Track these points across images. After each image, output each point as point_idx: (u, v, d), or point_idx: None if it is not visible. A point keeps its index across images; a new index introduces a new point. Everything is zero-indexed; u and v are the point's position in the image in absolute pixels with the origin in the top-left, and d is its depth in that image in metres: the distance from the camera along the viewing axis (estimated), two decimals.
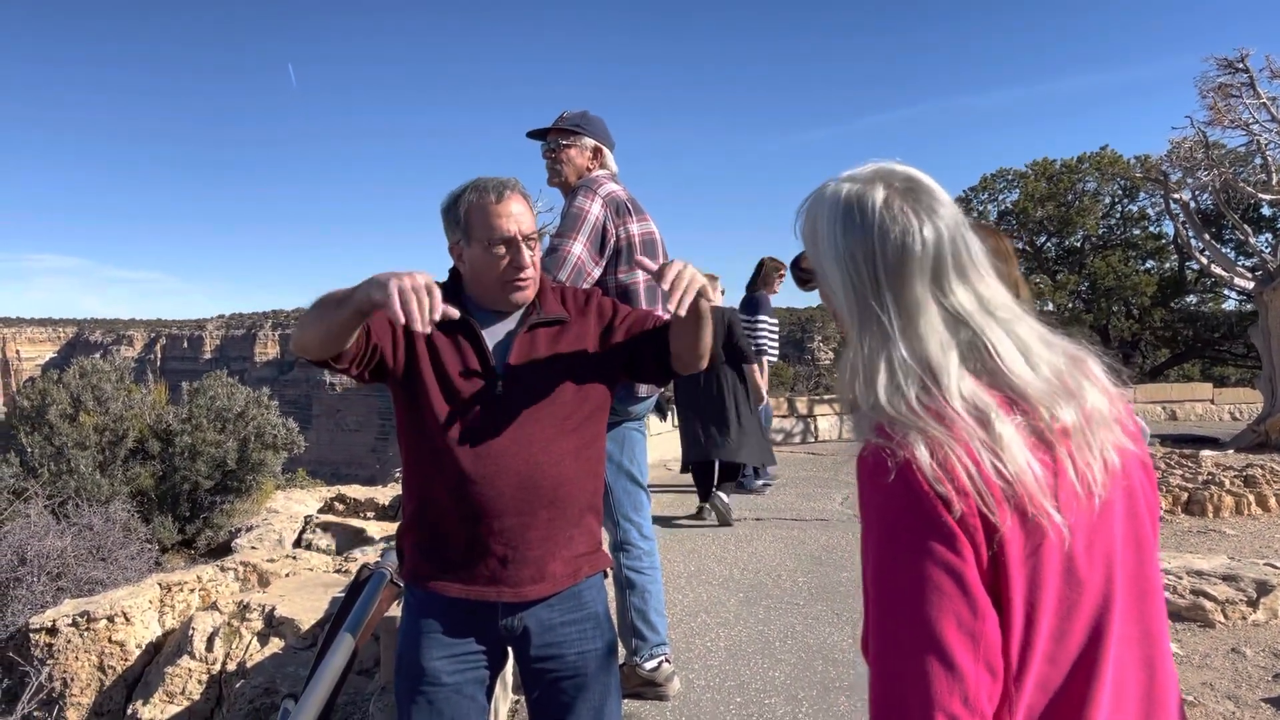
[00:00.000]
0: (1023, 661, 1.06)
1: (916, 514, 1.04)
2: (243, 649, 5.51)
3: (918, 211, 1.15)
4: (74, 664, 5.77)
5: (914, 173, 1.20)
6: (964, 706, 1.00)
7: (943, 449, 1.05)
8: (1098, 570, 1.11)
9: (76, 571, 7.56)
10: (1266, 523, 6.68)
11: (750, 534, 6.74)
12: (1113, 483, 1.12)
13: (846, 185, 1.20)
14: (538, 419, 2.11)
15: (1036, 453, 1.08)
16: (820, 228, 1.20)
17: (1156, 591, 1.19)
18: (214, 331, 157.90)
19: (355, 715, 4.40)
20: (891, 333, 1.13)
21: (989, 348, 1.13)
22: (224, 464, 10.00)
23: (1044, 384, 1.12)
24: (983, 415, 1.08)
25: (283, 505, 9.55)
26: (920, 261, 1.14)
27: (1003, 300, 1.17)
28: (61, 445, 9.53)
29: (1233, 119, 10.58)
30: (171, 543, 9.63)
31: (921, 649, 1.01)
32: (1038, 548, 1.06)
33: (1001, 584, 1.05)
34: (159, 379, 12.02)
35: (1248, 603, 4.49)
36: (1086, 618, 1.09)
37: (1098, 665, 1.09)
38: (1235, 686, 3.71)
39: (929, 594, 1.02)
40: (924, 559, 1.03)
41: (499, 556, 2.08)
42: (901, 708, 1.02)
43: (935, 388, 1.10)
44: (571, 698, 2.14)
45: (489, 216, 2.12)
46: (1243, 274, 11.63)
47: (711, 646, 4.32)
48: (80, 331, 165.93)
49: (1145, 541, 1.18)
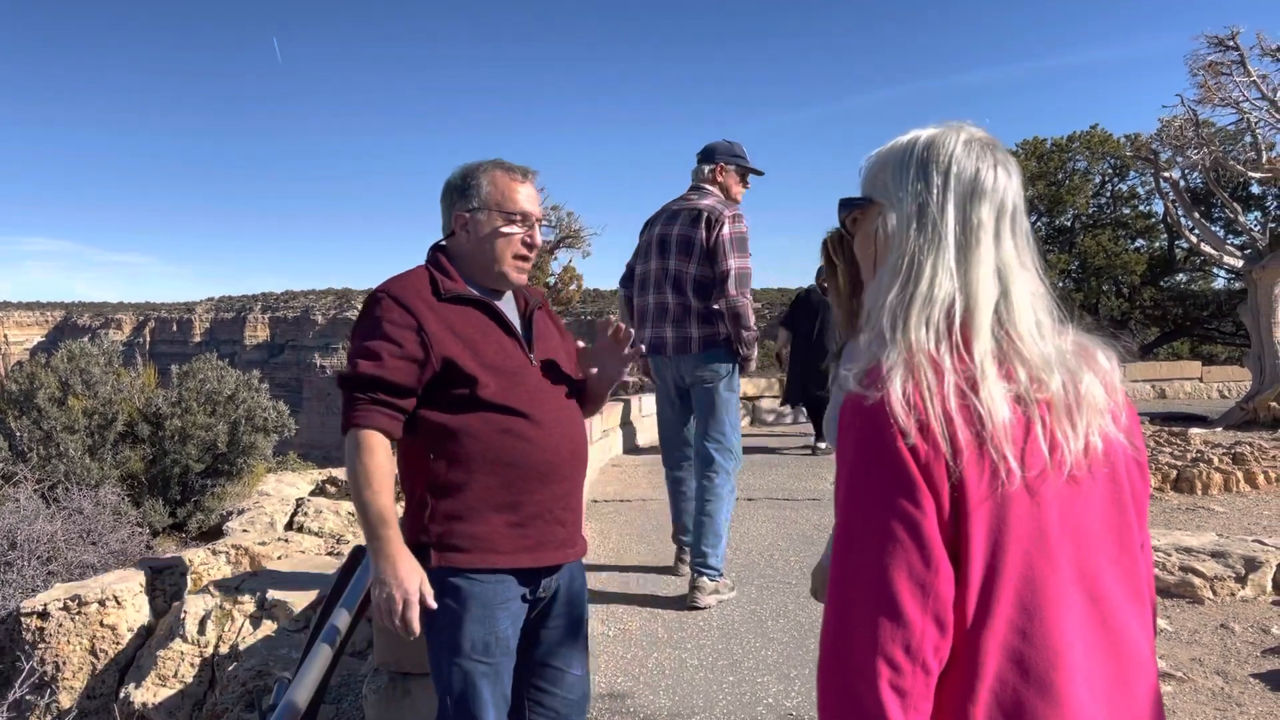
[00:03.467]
0: (979, 620, 1.06)
1: (882, 461, 1.07)
2: (235, 632, 5.50)
3: (995, 159, 1.20)
4: (65, 648, 5.76)
5: (989, 134, 1.25)
6: (905, 655, 1.03)
7: (920, 387, 1.08)
8: (1070, 547, 1.11)
9: (67, 555, 7.55)
10: (1255, 499, 6.72)
11: (743, 514, 6.76)
12: (1093, 466, 1.13)
13: (925, 130, 1.23)
14: (564, 389, 2.31)
15: (1013, 408, 1.09)
16: (891, 159, 1.23)
17: (1138, 581, 1.18)
18: (203, 314, 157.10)
19: (348, 697, 4.40)
20: (948, 262, 1.15)
21: (1012, 306, 1.15)
22: (214, 447, 9.98)
23: (1042, 354, 1.14)
24: (978, 374, 1.10)
25: (274, 488, 9.53)
26: (990, 199, 1.18)
27: (1035, 271, 1.20)
28: (50, 429, 9.49)
29: (1223, 97, 10.57)
30: (162, 526, 9.61)
31: (872, 595, 1.04)
32: (1002, 506, 1.07)
33: (961, 536, 1.06)
34: (148, 362, 11.97)
35: (1236, 579, 4.52)
36: (1058, 595, 1.09)
37: (1068, 646, 1.08)
38: (1224, 662, 3.73)
39: (885, 542, 1.05)
40: (884, 508, 1.06)
41: (561, 521, 2.26)
42: (848, 649, 1.05)
43: (962, 331, 1.13)
44: (575, 633, 2.37)
45: (512, 191, 2.24)
46: (1232, 252, 11.66)
47: (704, 626, 4.33)
48: (68, 315, 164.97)
49: (1128, 531, 1.17)
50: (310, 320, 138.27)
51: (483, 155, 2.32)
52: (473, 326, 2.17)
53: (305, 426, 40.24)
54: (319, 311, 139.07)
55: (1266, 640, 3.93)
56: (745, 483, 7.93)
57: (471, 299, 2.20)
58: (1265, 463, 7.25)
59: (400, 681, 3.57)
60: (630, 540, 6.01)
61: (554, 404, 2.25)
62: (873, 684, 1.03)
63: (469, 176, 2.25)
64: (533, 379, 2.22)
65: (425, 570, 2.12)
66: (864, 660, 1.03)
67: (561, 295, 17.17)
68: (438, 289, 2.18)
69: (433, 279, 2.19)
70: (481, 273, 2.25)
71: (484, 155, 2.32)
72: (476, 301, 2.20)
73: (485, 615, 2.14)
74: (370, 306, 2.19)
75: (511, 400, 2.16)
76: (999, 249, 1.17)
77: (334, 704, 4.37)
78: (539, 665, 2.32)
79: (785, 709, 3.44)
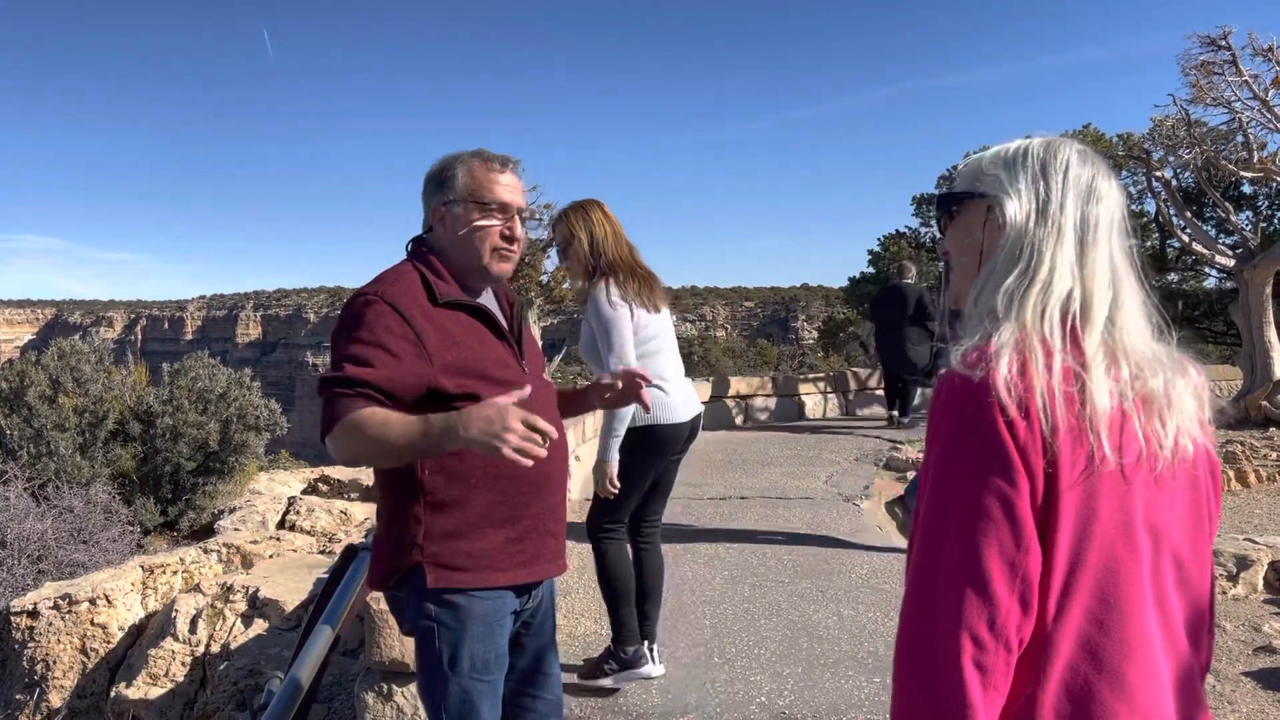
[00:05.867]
0: (1060, 605, 1.07)
1: (981, 439, 1.06)
2: (226, 631, 5.49)
3: (1105, 171, 1.26)
4: (55, 647, 5.73)
5: (1091, 148, 1.30)
6: (989, 631, 1.02)
7: (1029, 366, 1.08)
8: (1149, 544, 1.12)
9: (57, 554, 7.52)
10: (1246, 498, 6.75)
11: (735, 512, 6.76)
12: (1179, 468, 1.14)
13: (1033, 139, 1.28)
14: (550, 394, 2.25)
15: (1113, 399, 1.11)
16: (1005, 158, 1.27)
17: (1203, 587, 1.20)
18: (195, 312, 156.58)
19: (340, 696, 4.39)
20: (1069, 256, 1.19)
21: (1122, 306, 1.18)
22: (206, 445, 9.94)
23: (1145, 355, 1.17)
24: (1089, 362, 1.12)
25: (266, 486, 9.51)
26: (1105, 205, 1.23)
27: (1139, 279, 1.24)
28: (41, 427, 9.45)
29: (1215, 97, 10.59)
30: (153, 525, 9.58)
31: (961, 570, 1.04)
32: (1092, 493, 1.07)
33: (1050, 518, 1.06)
34: (139, 360, 11.94)
35: (1228, 577, 4.53)
36: (1137, 589, 1.09)
37: (1143, 642, 1.09)
38: (1216, 661, 3.74)
39: (978, 519, 1.05)
40: (980, 483, 1.05)
41: (553, 533, 2.19)
42: (931, 622, 1.05)
43: (1076, 322, 1.15)
44: (552, 635, 2.35)
45: (492, 181, 2.13)
46: (1224, 252, 11.69)
47: (697, 624, 4.32)
48: (59, 313, 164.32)
49: (1201, 538, 1.19)
50: (302, 319, 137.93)
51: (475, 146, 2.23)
52: (471, 334, 2.07)
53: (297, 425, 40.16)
54: (311, 310, 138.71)
55: (1257, 638, 3.94)
56: (737, 482, 7.94)
57: (467, 305, 2.10)
58: (1256, 461, 7.28)
59: (391, 681, 3.56)
60: None
61: (545, 414, 2.14)
62: (955, 658, 1.02)
63: (446, 168, 2.14)
64: (522, 382, 2.12)
65: (421, 591, 2.03)
66: (947, 636, 1.03)
67: (555, 294, 17.14)
68: (433, 293, 2.05)
69: (426, 281, 2.07)
70: (464, 268, 2.13)
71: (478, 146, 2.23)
72: (472, 307, 2.10)
73: (486, 633, 2.07)
74: (361, 310, 2.01)
75: None
76: (1112, 251, 1.21)
77: (325, 704, 4.36)
78: (526, 672, 2.29)
79: (778, 707, 3.44)
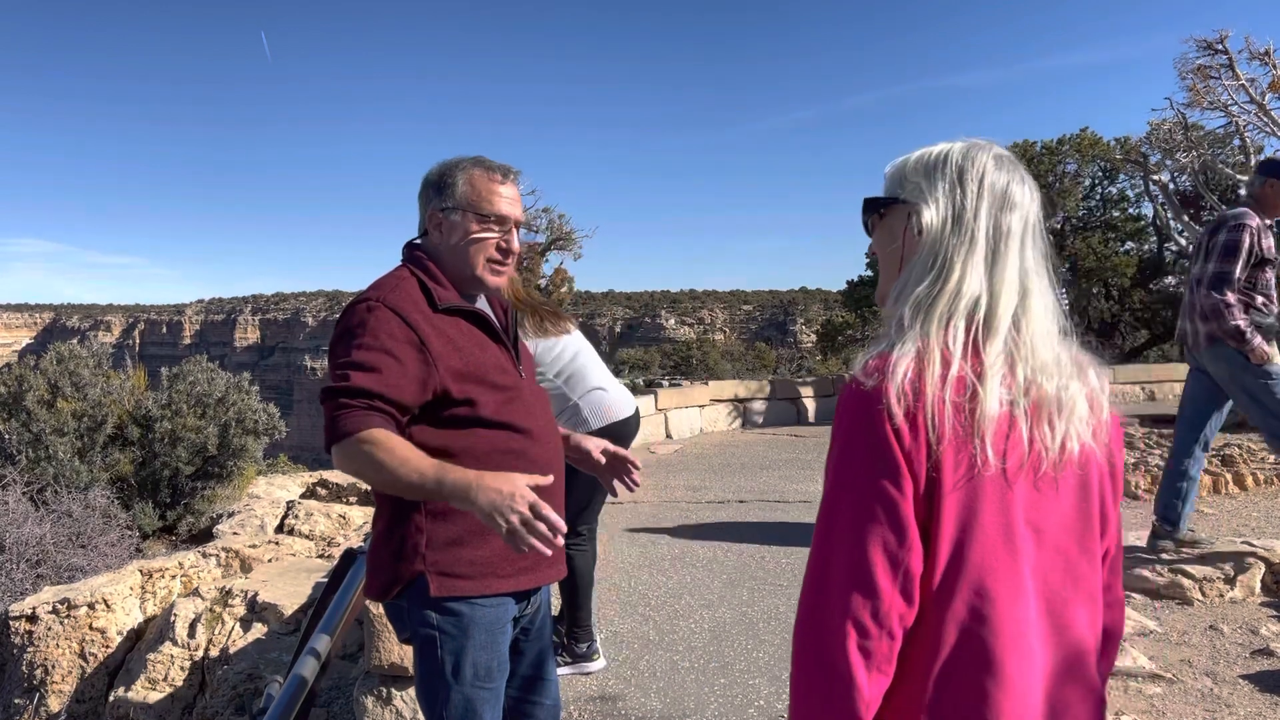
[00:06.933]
0: (941, 598, 1.15)
1: (870, 445, 1.15)
2: (225, 635, 5.48)
3: (1021, 176, 1.31)
4: (54, 651, 5.73)
5: (1010, 154, 1.33)
6: (873, 620, 1.13)
7: (923, 375, 1.15)
8: (1032, 543, 1.19)
9: (56, 558, 7.51)
10: (1243, 501, 6.75)
11: (734, 517, 6.77)
12: (1066, 470, 1.21)
13: (954, 143, 1.31)
14: (545, 400, 2.25)
15: (1003, 405, 1.18)
16: (925, 164, 1.30)
17: (1093, 585, 1.26)
18: (193, 316, 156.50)
19: (339, 700, 4.39)
20: (978, 263, 1.24)
21: (1028, 311, 1.24)
22: (205, 450, 9.93)
23: (1045, 360, 1.22)
24: (986, 371, 1.18)
25: (264, 491, 9.51)
26: (1019, 211, 1.28)
27: (1050, 282, 1.29)
28: (39, 432, 9.43)
29: (1212, 100, 10.62)
30: (152, 529, 9.56)
31: (849, 565, 1.14)
32: (974, 495, 1.15)
33: (933, 517, 1.15)
34: (138, 365, 11.91)
35: (1225, 580, 4.54)
36: (1015, 585, 1.17)
37: (1019, 634, 1.16)
38: (1213, 663, 3.75)
39: (865, 518, 1.14)
40: (868, 486, 1.15)
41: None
42: (823, 611, 1.16)
43: (980, 329, 1.20)
44: (548, 640, 2.34)
45: (491, 192, 2.13)
46: None
47: (695, 628, 4.33)
48: (57, 317, 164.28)
49: (1091, 537, 1.25)
50: (301, 322, 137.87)
51: (471, 152, 2.20)
52: (471, 340, 2.07)
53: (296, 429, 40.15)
54: (309, 314, 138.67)
55: (1255, 641, 3.95)
56: (736, 485, 7.94)
57: (467, 311, 2.10)
58: (1254, 464, 7.29)
59: (391, 684, 3.56)
60: (622, 542, 6.01)
61: (544, 418, 2.18)
62: (842, 644, 1.13)
63: (446, 174, 2.13)
64: (525, 393, 2.15)
65: (424, 600, 2.03)
66: (837, 622, 1.14)
67: (553, 297, 17.16)
68: (432, 299, 2.05)
69: (425, 287, 2.07)
70: (456, 276, 2.13)
71: (472, 152, 2.18)
72: (472, 314, 2.11)
73: (489, 641, 2.07)
74: (364, 315, 1.99)
75: (510, 416, 2.08)
76: (1023, 258, 1.26)
77: (324, 707, 4.36)
78: (525, 678, 2.29)
79: (776, 711, 3.44)
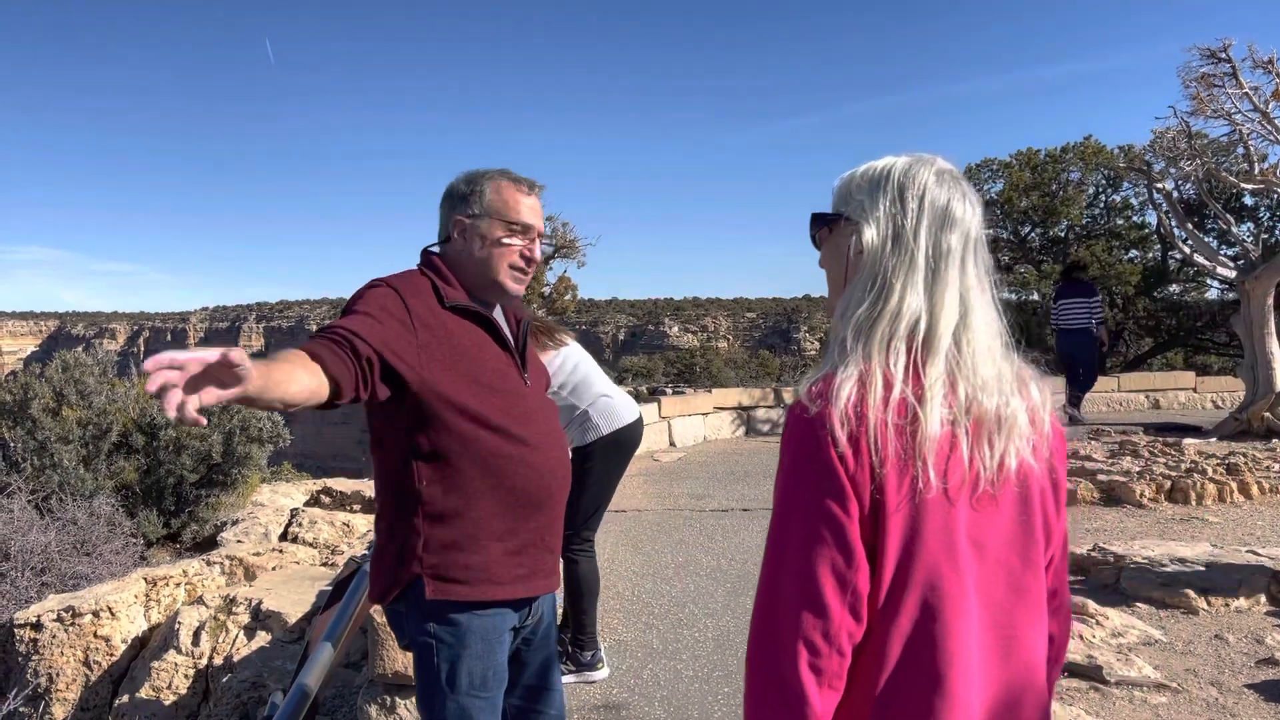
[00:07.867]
0: (888, 615, 1.18)
1: (816, 469, 1.17)
2: (229, 643, 5.49)
3: (963, 192, 1.30)
4: (59, 659, 5.73)
5: (955, 168, 1.33)
6: (824, 639, 1.16)
7: (865, 399, 1.17)
8: (975, 558, 1.21)
9: (61, 566, 7.52)
10: (1249, 510, 6.73)
11: (737, 525, 6.76)
12: (1005, 486, 1.23)
13: (899, 157, 1.31)
14: (551, 411, 2.25)
15: (944, 425, 1.20)
16: (867, 181, 1.31)
17: (1038, 595, 1.28)
18: (198, 324, 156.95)
19: (343, 709, 4.39)
20: (917, 283, 1.24)
21: (969, 328, 1.25)
22: (209, 458, 9.95)
23: (986, 377, 1.23)
24: (926, 393, 1.19)
25: (268, 498, 9.51)
26: (959, 228, 1.27)
27: (992, 299, 1.29)
28: (44, 440, 9.46)
29: (1215, 109, 10.60)
30: (156, 537, 9.58)
31: (799, 587, 1.17)
32: (917, 515, 1.17)
33: (879, 537, 1.17)
34: (142, 372, 11.95)
35: (1230, 590, 4.52)
36: (959, 601, 1.19)
37: (963, 649, 1.18)
38: (1219, 673, 3.73)
39: (813, 540, 1.17)
40: (815, 509, 1.17)
41: (550, 549, 2.19)
42: (774, 632, 1.18)
43: (921, 349, 1.22)
44: (552, 649, 2.32)
45: (517, 201, 2.19)
46: (1225, 263, 11.69)
47: (699, 637, 4.32)
48: (62, 325, 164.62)
49: (1034, 549, 1.27)
50: (305, 330, 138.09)
51: (477, 163, 2.29)
52: (471, 340, 2.09)
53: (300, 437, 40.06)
54: (314, 321, 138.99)
55: (1260, 650, 3.93)
56: (740, 494, 7.94)
57: (472, 311, 2.11)
58: (1259, 473, 7.27)
59: (395, 693, 3.56)
60: (625, 550, 6.01)
61: (547, 426, 2.17)
62: (794, 663, 1.16)
63: (473, 182, 2.18)
64: (528, 400, 2.14)
65: (420, 605, 2.03)
66: (788, 642, 1.16)
67: (556, 305, 17.17)
68: (440, 296, 2.08)
69: (434, 286, 2.10)
70: (477, 281, 2.16)
71: (478, 163, 2.28)
72: (477, 315, 2.12)
73: (485, 650, 2.06)
74: (364, 290, 2.04)
75: (510, 422, 2.07)
76: (963, 276, 1.26)
77: (328, 716, 4.36)
78: (529, 687, 2.28)
79: None
